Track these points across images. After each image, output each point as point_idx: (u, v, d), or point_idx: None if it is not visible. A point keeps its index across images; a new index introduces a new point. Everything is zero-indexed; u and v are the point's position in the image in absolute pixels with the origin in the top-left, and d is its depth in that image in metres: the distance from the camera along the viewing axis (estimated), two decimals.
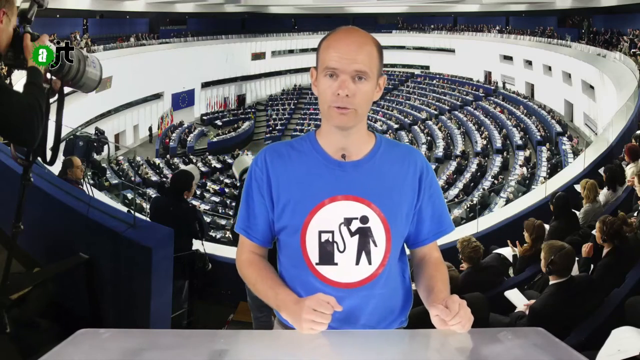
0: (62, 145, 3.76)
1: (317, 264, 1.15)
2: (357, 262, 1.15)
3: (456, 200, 16.22)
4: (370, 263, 1.15)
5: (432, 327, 1.00)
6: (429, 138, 24.28)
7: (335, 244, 1.14)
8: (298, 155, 1.19)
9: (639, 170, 4.67)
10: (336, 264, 1.15)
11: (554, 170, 15.78)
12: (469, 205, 14.42)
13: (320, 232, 1.15)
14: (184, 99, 28.99)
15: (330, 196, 1.15)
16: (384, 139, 1.23)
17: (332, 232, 1.14)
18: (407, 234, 1.23)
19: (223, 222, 14.01)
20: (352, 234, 1.15)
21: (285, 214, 1.17)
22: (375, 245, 1.15)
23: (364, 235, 1.15)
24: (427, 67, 31.79)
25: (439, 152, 22.70)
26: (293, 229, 1.16)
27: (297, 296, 1.12)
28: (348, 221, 1.14)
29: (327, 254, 1.15)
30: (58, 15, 22.57)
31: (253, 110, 31.14)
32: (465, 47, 29.67)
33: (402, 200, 1.18)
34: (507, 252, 4.16)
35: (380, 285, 1.17)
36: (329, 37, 1.14)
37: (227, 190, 19.68)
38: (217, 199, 18.77)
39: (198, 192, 18.62)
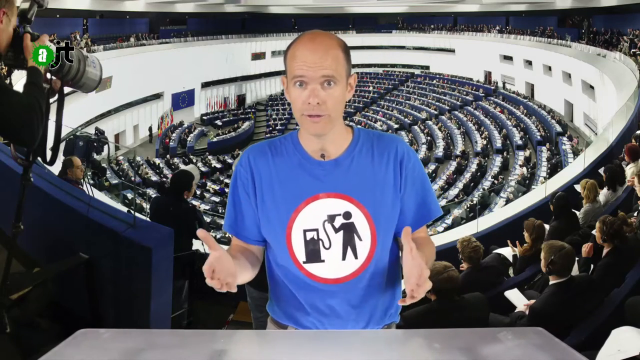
0: (62, 145, 3.76)
1: (304, 262, 1.17)
2: (344, 258, 1.16)
3: (456, 200, 16.23)
4: (356, 257, 1.17)
5: (432, 327, 1.00)
6: (429, 138, 24.28)
7: (320, 242, 1.16)
8: (280, 156, 1.19)
9: (639, 170, 4.67)
10: (323, 261, 1.16)
11: (554, 170, 15.80)
12: (469, 205, 14.43)
13: (305, 231, 1.16)
14: (184, 99, 29.00)
15: (312, 195, 1.16)
16: (362, 132, 1.22)
17: (317, 229, 1.16)
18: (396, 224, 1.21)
19: (223, 222, 13.99)
20: (336, 231, 1.16)
21: (269, 213, 1.18)
22: (360, 240, 1.16)
23: (349, 231, 1.16)
24: (427, 67, 31.77)
25: (439, 152, 22.70)
26: (278, 229, 1.17)
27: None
28: (331, 218, 1.16)
29: (313, 252, 1.16)
30: (58, 15, 22.58)
31: (253, 110, 31.14)
32: (465, 47, 29.66)
33: (384, 191, 1.17)
34: (507, 252, 4.16)
35: (368, 278, 1.18)
36: (293, 45, 1.12)
37: (227, 190, 19.65)
38: (217, 199, 18.77)
39: (198, 192, 18.63)
